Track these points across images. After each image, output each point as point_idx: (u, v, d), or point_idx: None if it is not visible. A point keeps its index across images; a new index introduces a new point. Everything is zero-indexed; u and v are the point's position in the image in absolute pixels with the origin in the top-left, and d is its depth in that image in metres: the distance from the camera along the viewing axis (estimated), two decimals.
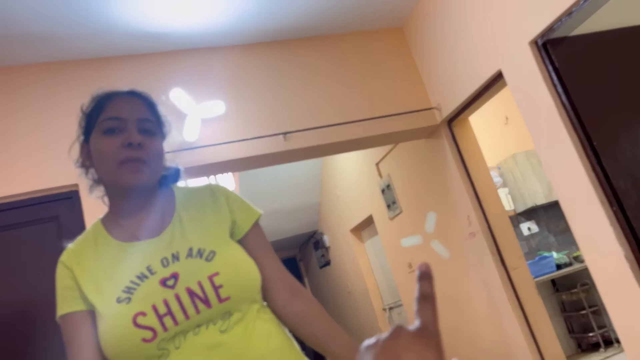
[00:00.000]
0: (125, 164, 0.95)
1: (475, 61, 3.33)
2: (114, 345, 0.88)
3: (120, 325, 0.88)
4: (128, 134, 0.96)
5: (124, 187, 0.98)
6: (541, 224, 5.37)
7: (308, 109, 3.53)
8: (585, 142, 2.78)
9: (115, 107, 1.00)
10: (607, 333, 4.75)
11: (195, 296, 0.89)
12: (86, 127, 1.02)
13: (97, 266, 0.96)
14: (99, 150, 0.97)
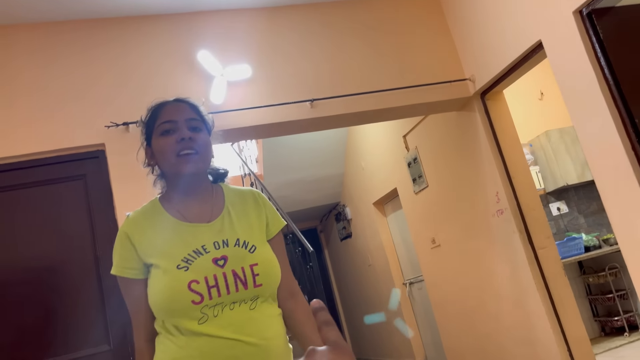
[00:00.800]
0: (181, 156, 1.18)
1: (514, 30, 3.19)
2: (167, 301, 1.09)
3: (177, 286, 1.09)
4: (180, 132, 1.19)
5: (182, 174, 1.19)
6: (571, 204, 5.23)
7: (336, 76, 3.45)
8: (626, 118, 2.65)
9: (167, 113, 1.23)
10: (632, 317, 4.65)
11: (237, 278, 1.12)
12: (147, 133, 1.26)
13: (157, 236, 1.17)
14: (160, 149, 1.21)
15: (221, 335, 1.08)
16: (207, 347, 1.08)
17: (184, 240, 1.15)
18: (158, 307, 1.11)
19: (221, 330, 1.08)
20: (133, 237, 1.17)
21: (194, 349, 1.08)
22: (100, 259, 2.77)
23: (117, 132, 2.97)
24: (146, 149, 1.27)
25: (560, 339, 3.41)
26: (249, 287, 1.12)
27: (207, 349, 1.07)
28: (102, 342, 2.67)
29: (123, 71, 3.11)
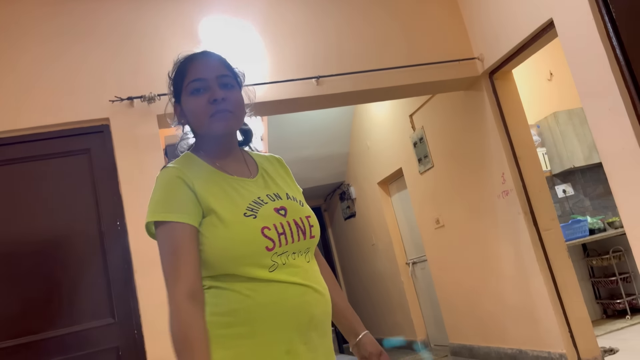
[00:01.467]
0: (215, 117, 1.12)
1: (525, 8, 3.13)
2: (241, 247, 1.04)
3: (250, 232, 1.04)
4: (212, 92, 1.12)
5: (216, 135, 1.15)
6: (577, 187, 5.20)
7: (343, 53, 3.40)
8: (636, 100, 2.61)
9: (196, 70, 1.15)
10: (635, 300, 4.66)
11: (298, 227, 1.10)
12: (175, 90, 1.19)
13: (213, 186, 1.10)
14: (191, 109, 1.15)
15: (293, 281, 1.05)
16: (279, 294, 1.04)
17: (238, 191, 1.11)
18: (229, 255, 1.04)
19: (292, 277, 1.06)
20: (191, 182, 1.08)
21: (265, 295, 1.03)
22: (105, 233, 2.79)
23: (121, 106, 2.95)
24: (175, 106, 1.21)
25: (562, 320, 3.42)
26: (307, 238, 1.11)
27: (278, 296, 1.03)
28: (106, 315, 2.70)
29: (128, 45, 3.07)
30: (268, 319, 1.02)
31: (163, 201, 1.07)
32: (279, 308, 1.03)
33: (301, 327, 1.04)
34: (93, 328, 2.67)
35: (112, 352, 2.67)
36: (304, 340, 1.05)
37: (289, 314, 1.04)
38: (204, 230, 1.05)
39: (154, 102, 2.97)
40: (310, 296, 1.07)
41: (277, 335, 1.03)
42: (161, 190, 1.08)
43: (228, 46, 3.21)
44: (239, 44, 3.23)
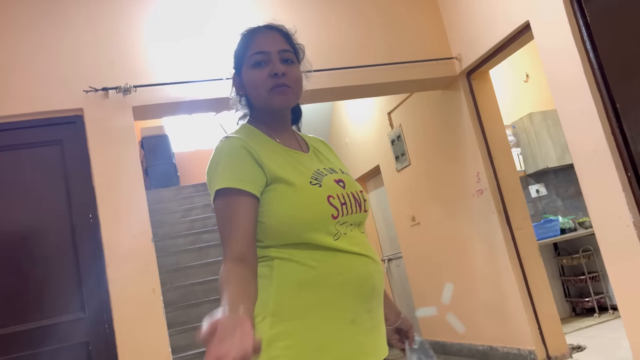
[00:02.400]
0: (274, 90, 1.13)
1: (503, 10, 3.17)
2: (310, 213, 1.05)
3: (318, 199, 1.06)
4: (273, 65, 1.14)
5: (274, 109, 1.16)
6: (550, 187, 5.30)
7: (322, 48, 3.40)
8: (608, 103, 2.67)
9: (259, 43, 1.17)
10: (603, 299, 4.77)
11: (355, 199, 1.12)
12: (237, 62, 1.21)
13: (276, 156, 1.11)
14: (251, 81, 1.16)
15: (355, 251, 1.08)
16: (343, 264, 1.05)
17: (300, 162, 1.13)
18: (298, 220, 1.04)
19: (354, 247, 1.08)
20: (255, 152, 1.08)
21: (330, 265, 1.04)
22: (76, 226, 2.74)
23: (96, 97, 2.90)
24: (234, 77, 1.22)
25: (532, 317, 3.49)
26: (362, 211, 1.13)
27: (343, 267, 1.05)
28: (77, 309, 2.66)
29: (105, 36, 3.02)
30: (334, 289, 1.04)
31: (229, 169, 1.06)
32: (345, 278, 1.05)
33: (365, 297, 1.07)
34: (63, 322, 2.62)
35: (81, 347, 2.63)
36: (367, 309, 1.07)
37: (354, 284, 1.05)
38: (271, 198, 1.06)
39: (129, 93, 2.93)
40: (371, 266, 1.09)
41: (342, 305, 1.04)
42: (226, 158, 1.08)
43: (205, 39, 3.18)
44: (217, 38, 3.20)
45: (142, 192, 2.86)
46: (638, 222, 2.58)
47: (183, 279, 4.95)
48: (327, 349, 1.01)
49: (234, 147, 1.09)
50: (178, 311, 4.46)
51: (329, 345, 1.01)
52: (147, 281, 2.73)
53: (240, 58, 1.19)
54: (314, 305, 1.02)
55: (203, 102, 3.17)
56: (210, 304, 4.56)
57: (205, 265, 5.11)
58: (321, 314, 1.02)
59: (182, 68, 3.12)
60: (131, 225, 2.78)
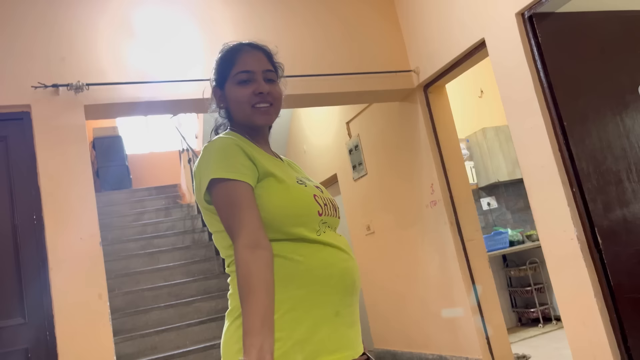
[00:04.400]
0: (257, 108, 1.21)
1: (460, 27, 3.26)
2: (298, 207, 1.12)
3: (305, 196, 1.15)
4: (257, 85, 1.21)
5: (256, 125, 1.24)
6: (500, 200, 5.46)
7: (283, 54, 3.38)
8: (556, 121, 2.78)
9: (244, 62, 1.24)
10: (547, 310, 4.94)
11: (331, 205, 1.22)
12: (220, 75, 1.26)
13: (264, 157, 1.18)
14: (236, 98, 1.22)
15: (338, 246, 1.15)
16: (328, 258, 1.12)
17: (281, 167, 1.21)
18: (287, 213, 1.11)
19: (336, 243, 1.15)
20: (246, 149, 1.14)
21: (316, 259, 1.10)
22: (18, 227, 2.61)
23: (45, 93, 2.79)
24: (215, 89, 1.28)
25: (480, 327, 3.57)
26: (337, 216, 1.23)
27: (328, 261, 1.11)
28: (16, 314, 2.53)
29: (57, 32, 2.91)
30: (320, 282, 1.09)
31: (223, 162, 1.11)
32: (329, 272, 1.10)
33: (346, 291, 1.12)
34: (0, 328, 2.48)
35: (20, 354, 2.50)
36: (348, 303, 1.13)
37: (337, 278, 1.11)
38: (262, 191, 1.11)
39: (81, 91, 2.83)
40: (351, 263, 1.16)
41: (328, 297, 1.09)
42: (220, 153, 1.12)
43: (164, 40, 3.12)
44: (176, 39, 3.14)
45: (92, 193, 2.76)
46: (581, 236, 2.69)
47: (132, 284, 4.80)
48: (313, 340, 1.05)
49: (228, 143, 1.14)
50: (125, 317, 4.32)
51: (315, 337, 1.06)
52: (93, 286, 2.63)
53: (224, 73, 1.25)
54: (300, 298, 1.07)
55: (160, 103, 3.10)
56: (159, 310, 4.45)
57: (156, 271, 4.98)
58: (307, 306, 1.07)
59: (139, 68, 3.04)
60: (78, 227, 2.68)
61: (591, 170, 2.75)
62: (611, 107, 2.88)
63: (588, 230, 2.68)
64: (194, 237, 5.71)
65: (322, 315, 1.07)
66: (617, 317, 2.61)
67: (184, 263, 5.15)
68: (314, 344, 1.05)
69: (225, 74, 1.25)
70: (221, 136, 1.18)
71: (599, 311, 2.62)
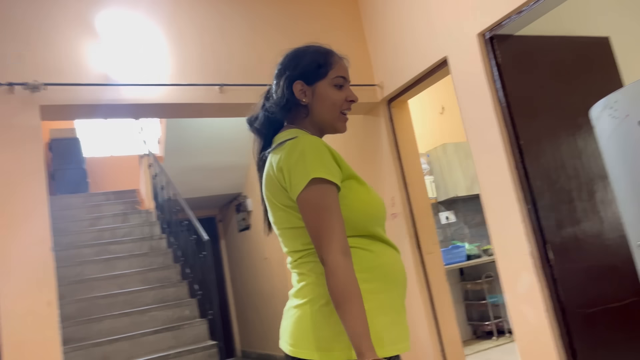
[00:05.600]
0: (343, 115, 1.29)
1: (424, 44, 3.33)
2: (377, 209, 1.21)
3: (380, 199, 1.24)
4: (350, 93, 1.29)
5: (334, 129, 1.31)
6: (459, 215, 5.58)
7: (250, 63, 3.39)
8: (513, 140, 2.87)
9: (343, 68, 1.30)
10: (501, 323, 5.06)
11: None
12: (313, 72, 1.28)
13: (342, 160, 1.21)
14: (330, 99, 1.27)
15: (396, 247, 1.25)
16: (392, 256, 1.21)
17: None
18: (369, 214, 1.18)
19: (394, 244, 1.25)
20: (332, 150, 1.19)
21: (386, 256, 1.19)
22: None
23: None
24: (299, 83, 1.28)
25: (436, 339, 3.62)
26: None
27: (393, 259, 1.21)
28: None
29: (15, 29, 2.81)
30: (391, 276, 1.18)
31: (319, 162, 1.13)
32: (396, 268, 1.20)
33: (405, 287, 1.23)
34: None
35: None
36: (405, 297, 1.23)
37: (400, 274, 1.22)
38: (347, 192, 1.17)
39: (38, 91, 2.74)
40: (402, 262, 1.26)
41: (398, 290, 1.19)
42: (314, 152, 1.14)
43: (127, 41, 3.06)
44: (140, 43, 3.09)
45: (44, 197, 2.67)
46: (534, 252, 2.77)
47: (85, 291, 4.65)
48: (394, 327, 1.16)
49: (320, 143, 1.17)
50: (77, 326, 4.17)
51: (395, 324, 1.16)
52: (42, 293, 2.53)
53: (318, 72, 1.28)
54: (381, 289, 1.16)
55: (122, 106, 3.04)
56: (113, 318, 4.32)
57: (111, 278, 4.84)
58: (387, 297, 1.16)
59: (101, 69, 2.97)
60: (29, 232, 2.58)
61: (545, 188, 2.85)
62: (565, 128, 3.00)
63: (541, 247, 2.77)
64: (152, 244, 5.59)
65: (398, 304, 1.18)
66: (566, 331, 2.70)
67: (141, 270, 5.02)
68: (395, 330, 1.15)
69: (320, 72, 1.28)
70: (308, 135, 1.20)
71: (549, 325, 2.70)
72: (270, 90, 1.36)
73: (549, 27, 3.14)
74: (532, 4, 2.67)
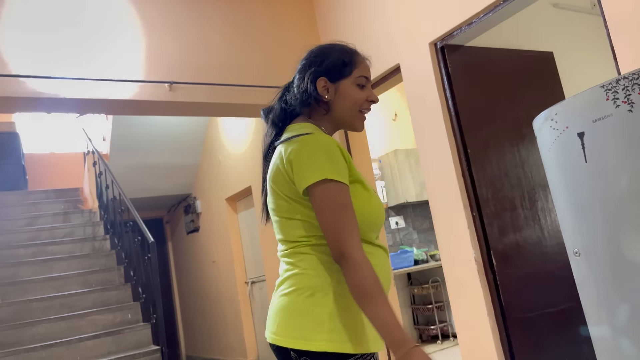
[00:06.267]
0: (362, 114, 1.31)
1: (378, 51, 3.36)
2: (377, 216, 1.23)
3: (381, 206, 1.25)
4: (372, 93, 1.32)
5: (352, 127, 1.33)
6: (408, 220, 5.67)
7: (202, 61, 3.32)
8: (461, 148, 2.94)
9: (366, 68, 1.32)
10: (446, 327, 5.17)
11: None
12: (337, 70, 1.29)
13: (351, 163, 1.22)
14: (352, 97, 1.29)
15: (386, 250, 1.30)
16: (382, 258, 1.25)
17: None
18: (373, 220, 1.22)
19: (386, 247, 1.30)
20: (344, 152, 1.20)
21: (377, 257, 1.22)
22: None
23: None
24: (322, 80, 1.30)
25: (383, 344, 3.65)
26: None
27: (382, 260, 1.25)
28: None
29: None
30: (381, 275, 1.20)
31: (331, 163, 1.15)
32: (384, 269, 1.25)
33: (389, 286, 1.25)
34: None
35: None
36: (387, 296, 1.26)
37: (388, 274, 1.26)
38: (352, 195, 1.18)
39: None
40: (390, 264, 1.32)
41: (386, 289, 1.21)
42: (325, 152, 1.16)
43: (74, 36, 2.94)
44: (86, 34, 2.97)
45: None
46: (479, 258, 2.84)
47: (19, 294, 4.41)
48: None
49: (332, 144, 1.18)
50: (9, 330, 3.95)
51: None
52: None
53: (343, 70, 1.30)
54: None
55: (65, 101, 2.91)
56: (49, 323, 4.11)
57: (48, 280, 4.61)
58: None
59: (44, 62, 2.83)
60: None
61: (490, 196, 2.93)
62: (509, 138, 3.10)
63: (485, 253, 2.84)
64: (95, 245, 5.37)
65: None
66: (506, 335, 2.78)
67: (81, 272, 4.81)
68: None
69: (344, 71, 1.30)
70: (323, 134, 1.21)
71: (490, 329, 2.78)
72: (291, 84, 1.39)
73: (498, 40, 3.24)
74: (482, 16, 2.75)
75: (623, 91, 1.56)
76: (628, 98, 1.55)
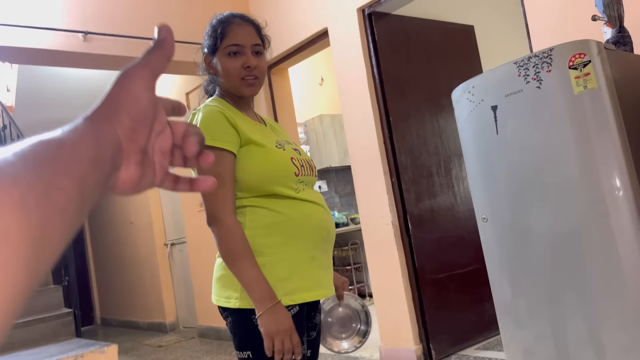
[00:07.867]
0: (245, 81, 1.31)
1: (306, 14, 3.32)
2: (278, 170, 1.26)
3: (283, 159, 1.28)
4: (246, 58, 1.30)
5: (243, 95, 1.34)
6: (330, 184, 5.77)
7: (121, 12, 3.12)
8: (384, 116, 3.01)
9: (235, 35, 1.31)
10: (363, 287, 5.39)
11: (309, 165, 1.36)
12: (211, 45, 1.33)
13: (247, 125, 1.29)
14: (226, 69, 1.31)
15: (314, 201, 1.30)
16: (305, 211, 1.27)
17: (263, 133, 1.31)
18: (269, 175, 1.24)
19: (313, 199, 1.30)
20: (230, 117, 1.24)
21: (295, 211, 1.25)
22: None
23: None
24: (206, 56, 1.35)
25: None
26: (313, 175, 1.36)
27: (306, 213, 1.27)
28: None
29: None
30: (297, 231, 1.25)
31: (211, 130, 1.20)
32: (306, 222, 1.27)
33: (322, 239, 1.30)
34: None
35: None
36: (323, 249, 1.30)
37: (313, 227, 1.28)
38: (244, 157, 1.23)
39: None
40: (326, 215, 1.33)
41: (305, 244, 1.26)
42: (207, 121, 1.22)
43: None
44: None
45: None
46: (395, 222, 2.96)
47: None
48: (292, 279, 1.24)
49: (214, 112, 1.23)
50: None
51: (294, 276, 1.24)
52: None
53: (215, 43, 1.32)
54: (281, 243, 1.24)
55: None
56: None
57: None
58: (287, 251, 1.24)
59: None
60: None
61: (409, 163, 3.05)
62: (429, 108, 3.21)
63: (402, 217, 2.97)
64: None
65: (300, 258, 1.25)
66: (418, 295, 2.95)
67: None
68: (293, 282, 1.23)
69: (216, 44, 1.32)
70: (208, 104, 1.28)
71: (404, 290, 2.93)
72: None
73: (424, 11, 3.31)
74: None
75: (533, 68, 1.66)
76: (537, 75, 1.65)
